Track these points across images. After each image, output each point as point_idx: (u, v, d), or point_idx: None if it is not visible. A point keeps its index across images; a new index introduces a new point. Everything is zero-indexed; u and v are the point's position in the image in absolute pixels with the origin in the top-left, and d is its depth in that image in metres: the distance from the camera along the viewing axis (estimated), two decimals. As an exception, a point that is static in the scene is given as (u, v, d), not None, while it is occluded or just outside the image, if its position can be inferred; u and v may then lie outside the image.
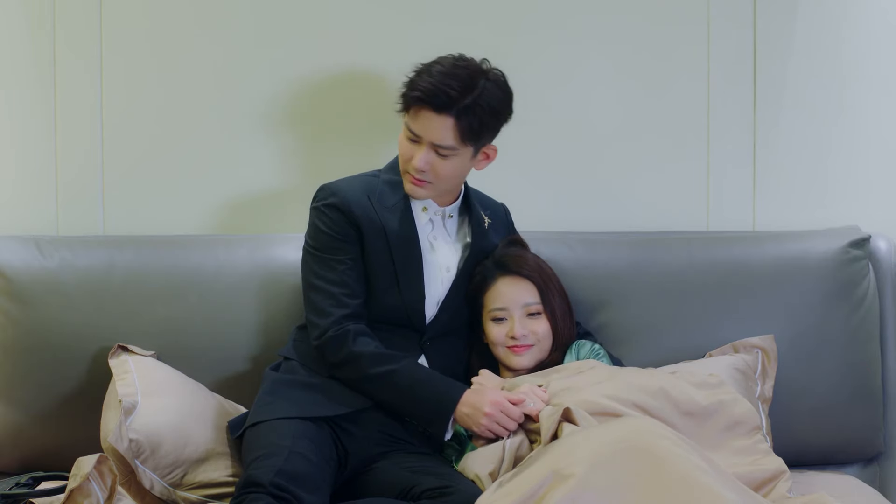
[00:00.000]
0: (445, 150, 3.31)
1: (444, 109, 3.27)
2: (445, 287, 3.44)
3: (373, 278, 3.38)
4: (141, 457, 3.24)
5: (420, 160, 3.31)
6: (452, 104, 3.27)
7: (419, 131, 3.31)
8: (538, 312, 3.43)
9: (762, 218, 3.89)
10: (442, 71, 3.30)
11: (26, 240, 3.64)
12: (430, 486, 3.09)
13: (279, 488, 3.00)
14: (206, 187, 3.84)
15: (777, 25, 3.86)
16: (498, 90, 3.34)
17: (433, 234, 3.45)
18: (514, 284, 3.44)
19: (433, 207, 3.44)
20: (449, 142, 3.30)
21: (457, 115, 3.28)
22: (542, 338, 3.43)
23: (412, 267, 3.39)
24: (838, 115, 3.89)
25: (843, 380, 3.60)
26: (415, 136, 3.32)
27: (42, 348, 3.52)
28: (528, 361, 3.43)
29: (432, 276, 3.42)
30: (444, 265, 3.44)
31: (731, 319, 3.60)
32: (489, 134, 3.36)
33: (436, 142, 3.30)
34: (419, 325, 3.41)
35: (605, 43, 3.87)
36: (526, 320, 3.42)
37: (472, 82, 3.30)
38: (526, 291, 3.43)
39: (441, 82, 3.28)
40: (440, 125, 3.29)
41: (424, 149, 3.31)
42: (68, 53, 3.80)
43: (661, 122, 3.88)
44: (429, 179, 3.35)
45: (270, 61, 3.83)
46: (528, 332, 3.41)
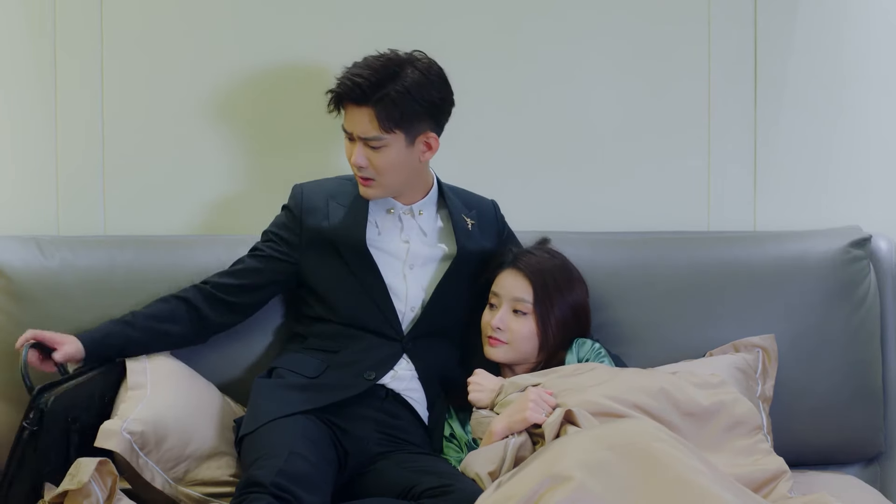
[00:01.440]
0: (373, 141, 3.32)
1: (361, 101, 3.30)
2: (414, 285, 3.45)
3: (334, 283, 3.43)
4: (145, 449, 3.25)
5: (356, 156, 3.34)
6: (366, 95, 3.29)
7: (348, 127, 3.35)
8: (525, 312, 3.42)
9: (763, 218, 3.89)
10: (360, 65, 3.34)
11: (27, 240, 3.64)
12: (431, 485, 3.09)
13: (280, 488, 2.99)
14: (207, 187, 3.85)
15: (778, 25, 3.86)
16: (421, 77, 3.33)
17: (405, 233, 3.47)
18: (513, 277, 3.44)
19: (399, 206, 3.46)
20: (372, 132, 3.32)
21: (374, 105, 3.30)
22: (519, 338, 3.42)
23: (363, 261, 3.41)
24: (839, 114, 3.89)
25: (844, 379, 3.60)
26: (347, 133, 3.36)
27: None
28: (499, 356, 3.44)
29: (398, 270, 3.44)
30: (420, 262, 3.46)
31: (731, 319, 3.60)
32: (420, 122, 3.35)
33: (361, 134, 3.33)
34: (396, 325, 3.42)
35: (605, 42, 3.87)
36: (510, 315, 3.43)
37: (388, 72, 3.31)
38: (520, 287, 3.43)
39: (356, 75, 3.31)
40: (361, 117, 3.31)
41: (358, 145, 3.34)
42: (69, 54, 3.81)
43: (661, 122, 3.88)
44: (371, 176, 3.37)
45: (269, 61, 3.83)
46: (506, 327, 3.41)
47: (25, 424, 3.16)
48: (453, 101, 3.41)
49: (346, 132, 3.36)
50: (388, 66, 3.32)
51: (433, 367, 3.43)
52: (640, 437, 2.85)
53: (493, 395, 3.30)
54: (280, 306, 3.59)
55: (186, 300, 3.45)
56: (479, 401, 3.32)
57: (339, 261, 3.42)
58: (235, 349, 3.59)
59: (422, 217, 3.48)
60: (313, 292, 3.47)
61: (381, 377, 3.37)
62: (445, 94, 3.39)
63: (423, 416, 3.42)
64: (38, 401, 3.19)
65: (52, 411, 3.18)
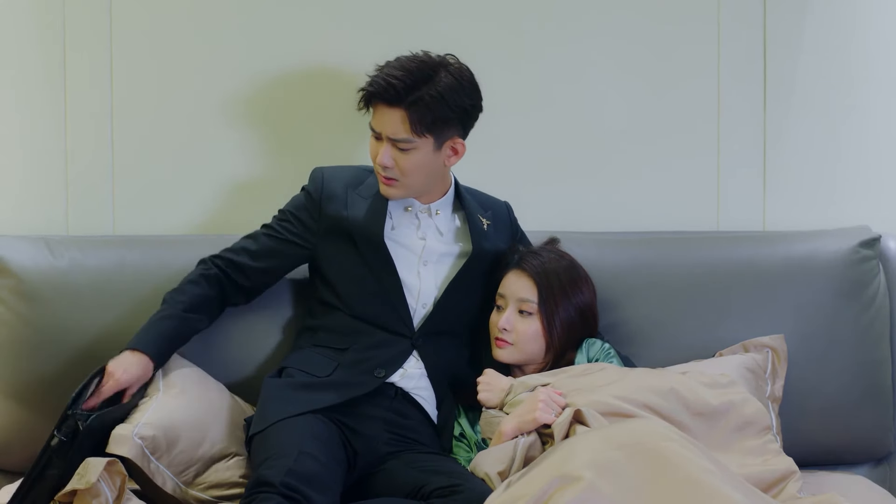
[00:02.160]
0: (402, 143, 3.32)
1: (394, 102, 3.29)
2: (428, 282, 3.45)
3: (349, 274, 3.42)
4: (156, 453, 3.24)
5: (382, 156, 3.34)
6: (400, 96, 3.29)
7: (377, 126, 3.34)
8: (531, 312, 3.42)
9: (772, 217, 3.89)
10: (394, 65, 3.33)
11: (36, 240, 3.65)
12: (440, 485, 3.09)
13: (290, 488, 2.99)
14: (215, 187, 3.85)
15: (787, 25, 3.86)
16: (455, 82, 3.33)
17: (422, 230, 3.47)
18: (518, 278, 3.44)
19: (416, 205, 3.46)
20: (403, 134, 3.31)
21: (407, 107, 3.29)
22: (525, 339, 3.42)
23: (379, 254, 3.40)
24: (848, 114, 3.89)
25: (854, 379, 3.60)
26: (375, 132, 3.35)
27: (53, 348, 3.52)
28: (506, 357, 3.44)
29: (413, 266, 3.44)
30: (434, 259, 3.45)
31: (741, 319, 3.60)
32: (449, 127, 3.36)
33: (391, 136, 3.32)
34: (407, 321, 3.42)
35: (614, 42, 3.87)
36: (515, 316, 3.43)
37: (422, 74, 3.31)
38: (525, 288, 3.43)
39: (390, 75, 3.30)
40: (392, 118, 3.31)
41: (385, 145, 3.33)
42: (78, 54, 3.81)
43: (670, 122, 3.88)
44: (395, 176, 3.36)
45: (273, 58, 3.83)
46: (512, 328, 3.41)
47: (55, 433, 3.16)
48: (482, 107, 3.42)
49: (374, 131, 3.35)
50: (423, 68, 3.31)
51: (442, 366, 3.43)
52: (650, 436, 2.84)
53: (503, 394, 3.30)
54: (290, 305, 3.58)
55: (221, 287, 3.46)
56: (488, 400, 3.32)
57: (354, 252, 3.42)
58: (245, 348, 3.59)
59: (438, 217, 3.48)
60: (326, 281, 3.46)
61: (391, 375, 3.37)
62: (476, 100, 3.39)
63: (432, 416, 3.42)
64: (77, 415, 3.19)
65: (89, 427, 3.18)
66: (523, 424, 3.15)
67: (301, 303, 3.58)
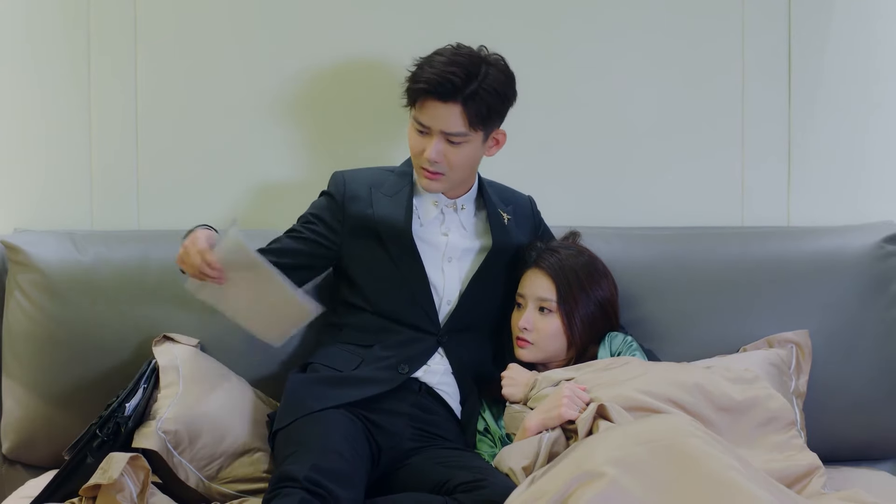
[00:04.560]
0: (457, 137, 3.32)
1: (450, 97, 3.29)
2: (451, 276, 3.45)
3: (374, 271, 3.42)
4: (179, 448, 3.26)
5: (432, 151, 3.33)
6: (458, 91, 3.29)
7: (428, 122, 3.33)
8: (551, 310, 3.42)
9: (796, 213, 3.88)
10: (443, 60, 3.32)
11: (61, 235, 3.66)
12: (464, 479, 3.08)
13: (314, 483, 2.99)
14: (238, 182, 3.85)
15: (812, 21, 3.84)
16: (500, 74, 3.35)
17: (445, 226, 3.46)
18: (537, 277, 3.44)
19: (443, 200, 3.45)
20: (459, 128, 3.31)
21: (464, 102, 3.30)
22: (546, 337, 3.42)
23: (407, 251, 3.40)
24: (873, 109, 3.87)
25: (878, 375, 3.59)
26: (424, 127, 3.34)
27: (77, 343, 3.54)
28: (528, 356, 3.43)
29: (437, 263, 3.44)
30: (448, 254, 3.44)
31: (765, 314, 3.59)
32: (497, 118, 3.38)
33: (445, 129, 3.31)
34: (433, 317, 3.42)
35: (638, 38, 3.87)
36: (535, 314, 3.42)
37: (474, 69, 3.31)
38: (544, 287, 3.42)
39: (444, 71, 3.29)
40: (448, 113, 3.31)
41: (435, 139, 3.33)
42: (103, 50, 3.82)
43: (695, 117, 3.88)
44: (442, 171, 3.36)
45: (299, 54, 3.84)
46: (532, 327, 3.41)
47: (98, 433, 3.19)
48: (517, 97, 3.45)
49: (423, 126, 3.34)
50: (473, 62, 3.32)
51: (466, 362, 3.43)
52: (674, 432, 2.83)
53: (527, 389, 3.30)
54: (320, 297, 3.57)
55: None
56: (512, 395, 3.32)
57: (381, 250, 3.41)
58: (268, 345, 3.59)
59: (463, 212, 3.48)
60: (351, 281, 3.46)
61: (415, 371, 3.37)
62: (515, 90, 3.42)
63: (455, 411, 3.42)
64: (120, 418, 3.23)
65: (130, 430, 3.24)
66: (548, 420, 3.15)
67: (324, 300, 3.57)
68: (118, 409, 3.25)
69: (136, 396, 3.31)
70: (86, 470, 3.12)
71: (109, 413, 3.24)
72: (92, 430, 3.21)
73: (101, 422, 3.22)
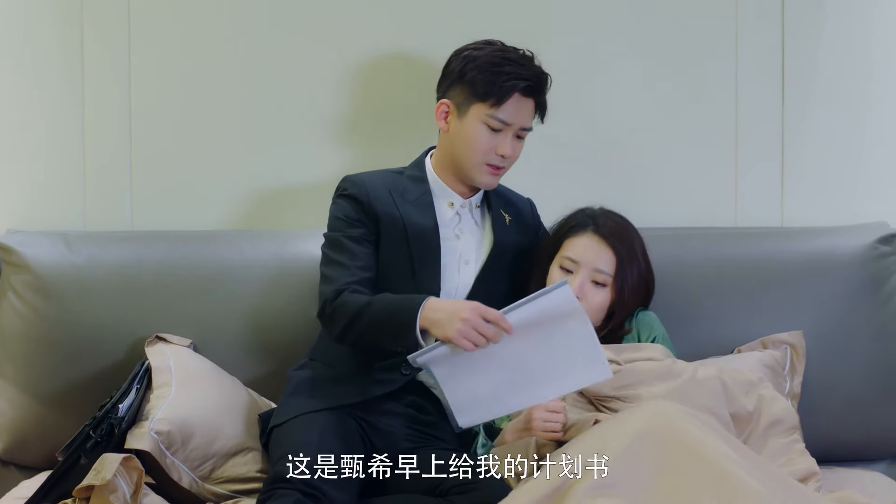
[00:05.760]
0: (526, 132, 3.38)
1: (535, 93, 3.36)
2: (466, 279, 3.43)
3: (389, 270, 3.37)
4: (171, 448, 3.26)
5: (509, 147, 3.35)
6: (544, 87, 3.38)
7: (511, 118, 3.33)
8: (604, 284, 3.37)
9: (790, 213, 3.88)
10: (523, 58, 3.36)
11: (54, 235, 3.65)
12: (458, 481, 3.08)
13: (308, 485, 2.99)
14: (233, 182, 3.85)
15: (805, 20, 3.85)
16: None
17: (460, 227, 3.45)
18: (597, 245, 3.38)
19: (458, 201, 3.44)
20: (531, 122, 3.38)
21: (539, 97, 3.38)
22: (595, 309, 3.36)
23: (430, 259, 3.38)
24: (866, 109, 3.87)
25: (872, 376, 3.60)
26: (504, 124, 3.34)
27: (70, 344, 3.54)
28: None
29: (450, 268, 3.41)
30: (465, 257, 3.43)
31: (759, 315, 3.60)
32: None
33: (525, 125, 3.36)
34: None
35: (632, 39, 3.87)
36: (588, 285, 3.36)
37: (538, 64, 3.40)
38: (604, 258, 3.37)
39: (536, 68, 3.36)
40: (528, 108, 3.36)
41: (510, 136, 3.35)
42: (97, 49, 3.81)
43: (688, 118, 3.88)
44: (505, 165, 3.39)
45: (293, 57, 3.84)
46: (583, 297, 3.34)
47: (92, 434, 3.19)
48: None
49: (504, 123, 3.33)
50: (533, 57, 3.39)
51: None
52: (670, 420, 2.82)
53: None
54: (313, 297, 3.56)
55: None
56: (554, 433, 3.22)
57: (405, 253, 3.36)
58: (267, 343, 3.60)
59: (476, 210, 3.47)
60: None
61: (417, 372, 3.35)
62: None
63: (451, 411, 3.42)
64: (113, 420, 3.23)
65: (123, 431, 3.24)
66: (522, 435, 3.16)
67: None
68: (112, 410, 3.25)
69: (130, 397, 3.31)
70: (79, 471, 3.12)
71: (103, 414, 3.24)
72: (85, 430, 3.21)
73: (95, 423, 3.22)
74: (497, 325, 3.05)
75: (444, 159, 3.43)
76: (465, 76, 3.34)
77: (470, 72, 3.34)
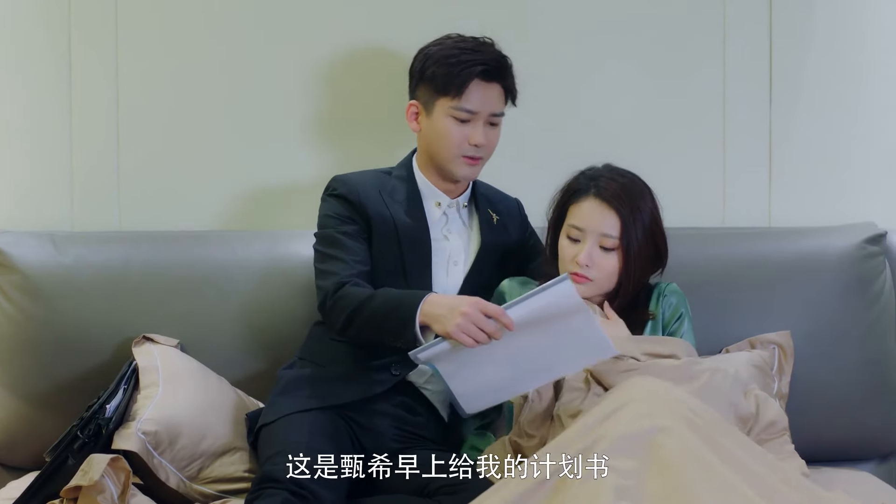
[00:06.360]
0: (497, 117, 3.38)
1: (499, 77, 3.36)
2: (454, 280, 3.43)
3: (379, 270, 3.36)
4: (159, 448, 3.26)
5: (480, 135, 3.34)
6: (506, 70, 3.36)
7: (476, 107, 3.34)
8: (612, 248, 3.31)
9: (777, 213, 3.88)
10: (479, 43, 3.36)
11: (41, 235, 3.65)
12: (446, 482, 3.09)
13: (297, 484, 2.99)
14: (221, 182, 3.85)
15: (793, 20, 3.85)
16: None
17: (447, 227, 3.45)
18: (600, 209, 3.31)
19: (445, 200, 3.44)
20: (501, 107, 3.38)
21: (503, 80, 3.36)
22: (605, 275, 3.31)
23: (421, 258, 3.38)
24: (855, 110, 3.88)
25: (860, 376, 3.60)
26: (470, 113, 3.34)
27: (58, 344, 3.54)
28: (585, 292, 3.27)
29: (439, 269, 3.42)
30: (453, 258, 3.43)
31: (746, 315, 3.60)
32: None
33: (493, 111, 3.35)
34: None
35: (619, 38, 3.87)
36: (596, 251, 3.30)
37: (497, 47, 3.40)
38: (609, 222, 3.30)
39: (496, 53, 3.36)
40: (493, 93, 3.35)
41: (480, 124, 3.35)
42: (84, 50, 3.81)
43: (675, 117, 3.88)
44: (482, 155, 3.38)
45: (281, 57, 3.84)
46: (593, 264, 3.29)
47: (79, 434, 3.19)
48: None
49: (469, 112, 3.33)
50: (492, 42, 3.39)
51: None
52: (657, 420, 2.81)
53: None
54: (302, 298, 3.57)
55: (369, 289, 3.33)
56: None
57: (395, 253, 3.37)
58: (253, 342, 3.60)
59: (464, 210, 3.47)
60: None
61: (408, 373, 3.35)
62: None
63: (441, 412, 3.42)
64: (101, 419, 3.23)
65: (110, 431, 3.24)
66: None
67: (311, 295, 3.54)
68: (99, 411, 3.24)
69: (117, 397, 3.31)
70: (67, 471, 3.12)
71: (90, 414, 3.23)
72: (73, 431, 3.21)
73: (82, 423, 3.22)
74: (498, 321, 3.05)
75: (424, 159, 3.44)
76: (426, 74, 3.36)
77: (429, 68, 3.36)
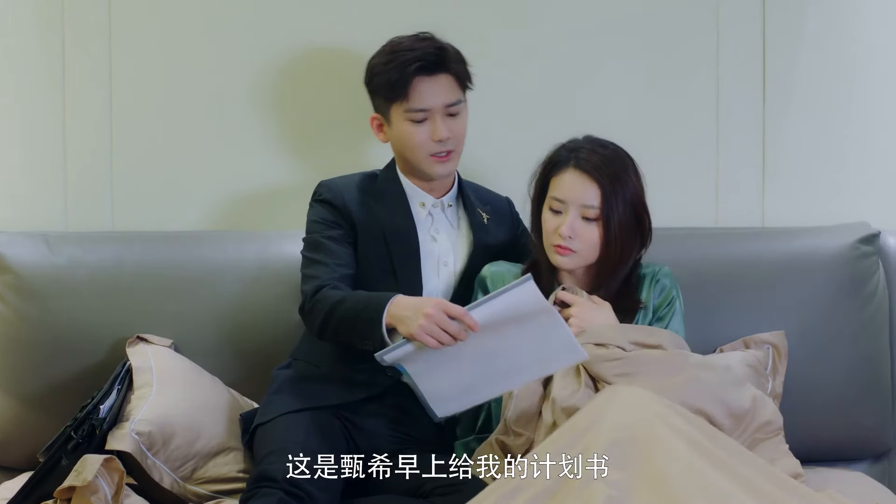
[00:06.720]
0: (454, 106, 3.34)
1: (441, 68, 3.33)
2: (445, 281, 3.43)
3: (371, 273, 3.37)
4: (153, 449, 3.26)
5: (441, 129, 3.33)
6: (448, 59, 3.33)
7: (426, 103, 3.33)
8: (594, 219, 3.29)
9: (771, 213, 3.88)
10: (412, 39, 3.35)
11: (35, 235, 3.65)
12: (440, 482, 3.08)
13: (292, 484, 3.00)
14: (214, 183, 3.84)
15: (786, 20, 3.85)
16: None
17: (434, 227, 3.45)
18: (580, 180, 3.30)
19: (430, 200, 3.44)
20: (455, 96, 3.35)
21: (450, 68, 3.34)
22: (589, 246, 3.29)
23: (409, 260, 3.38)
24: (848, 110, 3.88)
25: (853, 376, 3.60)
26: (422, 112, 3.33)
27: (51, 344, 3.53)
28: (568, 264, 3.30)
29: (430, 269, 3.41)
30: (443, 259, 3.43)
31: (740, 315, 3.60)
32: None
33: (445, 102, 3.33)
34: None
35: (612, 38, 3.87)
36: (578, 222, 3.29)
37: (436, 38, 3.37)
38: (590, 192, 3.28)
39: (434, 46, 3.33)
40: (440, 86, 3.33)
41: (438, 119, 3.33)
42: (77, 50, 3.81)
43: (669, 117, 3.88)
44: (452, 147, 3.36)
45: (274, 58, 3.83)
46: (576, 235, 3.28)
47: (73, 435, 3.19)
48: None
49: (421, 110, 3.32)
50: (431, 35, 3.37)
51: None
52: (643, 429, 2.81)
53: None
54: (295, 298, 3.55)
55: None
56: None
57: (383, 254, 3.37)
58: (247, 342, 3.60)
59: (450, 209, 3.47)
60: None
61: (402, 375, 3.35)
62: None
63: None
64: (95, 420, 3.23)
65: (104, 432, 3.24)
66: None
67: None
68: (93, 411, 3.25)
69: (111, 398, 3.31)
70: (60, 472, 3.12)
71: (84, 415, 3.24)
72: (66, 431, 3.21)
73: (76, 423, 3.22)
74: (461, 322, 3.04)
75: (401, 163, 3.45)
76: (373, 85, 3.38)
77: (374, 79, 3.37)
